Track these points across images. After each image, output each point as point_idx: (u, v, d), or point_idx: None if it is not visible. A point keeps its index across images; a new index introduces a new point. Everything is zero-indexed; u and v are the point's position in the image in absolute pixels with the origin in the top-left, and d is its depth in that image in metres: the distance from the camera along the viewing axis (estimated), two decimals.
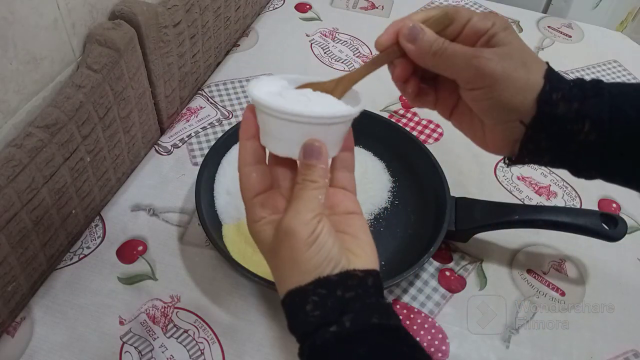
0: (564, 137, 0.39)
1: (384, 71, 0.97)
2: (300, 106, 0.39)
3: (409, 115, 0.84)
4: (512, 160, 0.42)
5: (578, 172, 0.42)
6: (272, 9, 1.02)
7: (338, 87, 0.44)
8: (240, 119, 0.80)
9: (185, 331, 0.58)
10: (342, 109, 0.41)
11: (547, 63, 0.40)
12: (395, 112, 0.84)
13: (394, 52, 0.42)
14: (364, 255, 0.39)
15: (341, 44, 0.96)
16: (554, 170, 0.76)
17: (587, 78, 0.41)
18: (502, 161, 0.44)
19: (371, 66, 0.44)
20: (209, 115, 0.81)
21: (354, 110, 0.40)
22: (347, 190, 0.43)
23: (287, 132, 0.39)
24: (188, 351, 0.57)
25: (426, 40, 0.39)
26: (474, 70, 0.38)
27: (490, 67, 0.38)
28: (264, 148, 0.41)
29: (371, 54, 0.94)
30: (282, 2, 1.04)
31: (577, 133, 0.38)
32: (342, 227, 0.40)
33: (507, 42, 0.39)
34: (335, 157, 0.42)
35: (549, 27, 1.03)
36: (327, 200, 0.39)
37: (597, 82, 0.39)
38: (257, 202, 0.40)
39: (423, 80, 0.44)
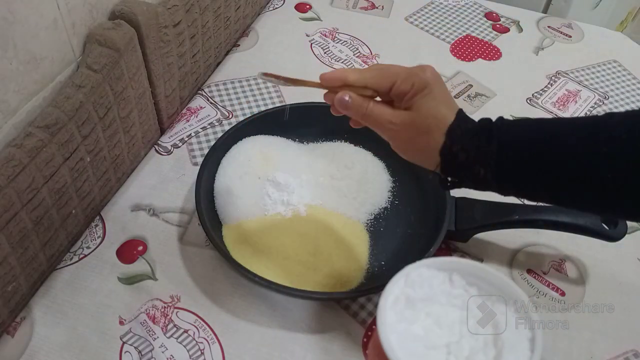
0: (469, 177, 0.47)
1: None
2: None
3: None
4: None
5: (501, 194, 0.48)
6: (272, 9, 1.02)
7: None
8: (240, 118, 0.80)
9: (185, 331, 0.58)
10: None
11: (457, 113, 0.47)
12: None
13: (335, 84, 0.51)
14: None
15: (341, 44, 0.96)
16: None
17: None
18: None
19: (312, 83, 0.53)
20: (209, 115, 0.81)
21: None
22: None
23: None
24: (188, 351, 0.57)
25: (353, 107, 0.49)
26: (391, 133, 0.49)
27: (399, 135, 0.49)
28: None
29: (371, 54, 0.94)
30: (282, 2, 1.04)
31: (477, 174, 0.46)
32: None
33: (417, 108, 0.47)
34: None
35: (549, 27, 1.03)
36: None
37: (489, 130, 0.46)
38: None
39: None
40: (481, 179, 0.46)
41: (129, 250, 0.65)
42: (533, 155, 0.44)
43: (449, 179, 0.48)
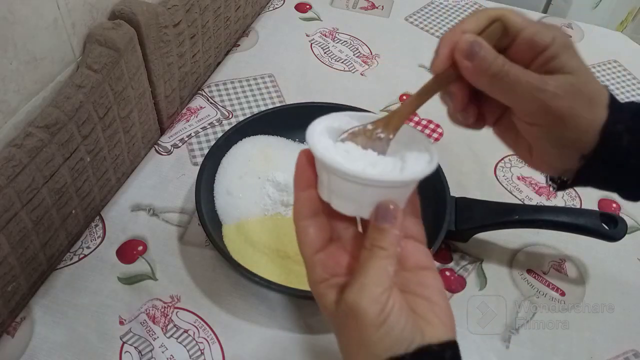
0: (624, 169, 0.37)
1: (383, 71, 0.97)
2: (373, 168, 0.34)
3: None
4: (563, 185, 0.40)
5: (628, 197, 0.40)
6: (272, 9, 1.02)
7: (390, 125, 0.37)
8: (240, 118, 0.80)
9: (185, 331, 0.58)
10: (422, 169, 0.34)
11: (606, 87, 0.37)
12: None
13: (450, 76, 0.36)
14: (439, 324, 0.34)
15: (341, 44, 0.96)
16: None
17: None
18: (549, 185, 0.41)
19: (424, 96, 0.37)
20: (209, 115, 0.81)
21: (434, 166, 0.34)
22: (417, 241, 0.37)
23: (359, 194, 0.34)
24: (188, 351, 0.57)
25: (485, 58, 0.34)
26: (538, 104, 0.34)
27: (557, 105, 0.34)
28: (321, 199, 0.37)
29: (371, 53, 0.94)
30: (282, 2, 1.04)
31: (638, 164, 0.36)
32: (413, 286, 0.35)
33: (572, 70, 0.35)
34: None
35: None
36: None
37: None
38: (318, 261, 0.35)
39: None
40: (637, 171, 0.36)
41: (129, 250, 0.65)
42: None
43: (587, 175, 0.38)
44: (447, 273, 0.65)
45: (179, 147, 0.77)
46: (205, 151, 0.74)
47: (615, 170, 0.37)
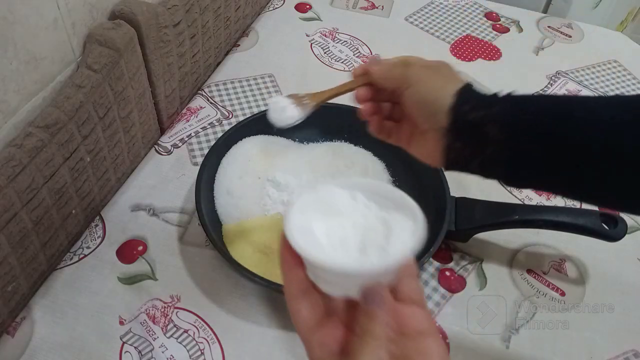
0: (478, 141, 0.43)
1: None
2: (357, 259, 0.34)
3: None
4: (445, 166, 0.47)
5: (507, 181, 0.45)
6: (272, 9, 1.02)
7: (315, 97, 0.52)
8: (240, 118, 0.80)
9: (185, 331, 0.58)
10: (405, 249, 0.34)
11: (470, 83, 0.45)
12: None
13: (361, 80, 0.51)
14: None
15: (341, 44, 0.96)
16: None
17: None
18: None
19: (343, 87, 0.52)
20: (209, 115, 0.81)
21: (417, 240, 0.34)
22: (415, 304, 0.36)
23: (344, 281, 0.34)
24: (188, 351, 0.57)
25: (381, 63, 0.50)
26: (402, 76, 0.47)
27: (414, 74, 0.46)
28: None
29: (371, 53, 0.94)
30: (282, 2, 1.04)
31: (487, 135, 0.42)
32: (414, 355, 0.33)
33: (434, 65, 0.47)
34: None
35: (549, 27, 1.03)
36: (393, 320, 0.34)
37: (506, 95, 0.44)
38: (316, 342, 0.36)
39: (386, 119, 0.52)
40: (490, 141, 0.42)
41: (129, 250, 0.65)
42: (555, 115, 0.40)
43: (454, 152, 0.44)
44: (447, 273, 0.65)
45: (179, 147, 0.77)
46: (205, 151, 0.74)
47: (473, 145, 0.43)
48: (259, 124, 0.73)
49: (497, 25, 1.03)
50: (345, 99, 0.78)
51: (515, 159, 0.42)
